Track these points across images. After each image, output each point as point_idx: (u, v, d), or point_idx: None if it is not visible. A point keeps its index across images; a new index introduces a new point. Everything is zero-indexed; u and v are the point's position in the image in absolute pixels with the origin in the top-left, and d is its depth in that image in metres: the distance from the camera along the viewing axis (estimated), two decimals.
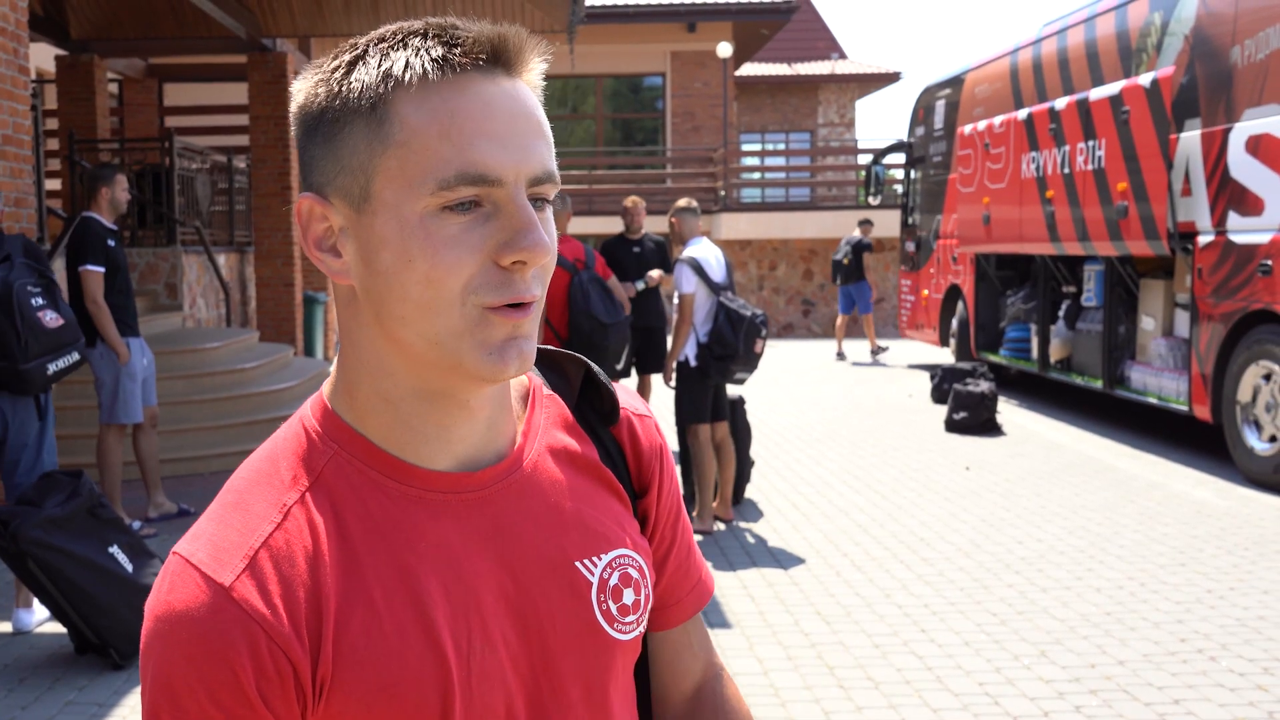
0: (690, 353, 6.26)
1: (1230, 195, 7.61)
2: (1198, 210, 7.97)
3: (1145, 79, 8.34)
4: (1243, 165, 7.48)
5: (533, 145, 0.85)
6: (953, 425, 9.58)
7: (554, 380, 1.03)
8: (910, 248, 14.67)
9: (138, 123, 14.44)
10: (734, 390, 7.36)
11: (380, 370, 0.89)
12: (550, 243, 0.86)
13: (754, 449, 8.33)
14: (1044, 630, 4.68)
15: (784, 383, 13.12)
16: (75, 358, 4.87)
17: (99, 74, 11.48)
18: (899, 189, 18.49)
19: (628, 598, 0.97)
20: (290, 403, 9.07)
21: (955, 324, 13.07)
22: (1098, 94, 9.02)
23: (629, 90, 23.55)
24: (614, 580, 0.96)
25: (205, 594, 0.82)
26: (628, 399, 1.06)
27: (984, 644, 4.53)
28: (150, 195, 10.55)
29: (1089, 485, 7.44)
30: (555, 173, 0.87)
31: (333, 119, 0.85)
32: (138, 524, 6.31)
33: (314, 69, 0.89)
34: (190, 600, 0.83)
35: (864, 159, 21.70)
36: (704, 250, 6.34)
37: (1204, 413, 8.03)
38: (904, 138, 14.96)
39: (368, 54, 0.86)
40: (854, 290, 15.54)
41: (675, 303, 6.30)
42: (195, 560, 0.84)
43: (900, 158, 15.62)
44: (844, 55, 28.67)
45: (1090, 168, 9.15)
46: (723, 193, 20.78)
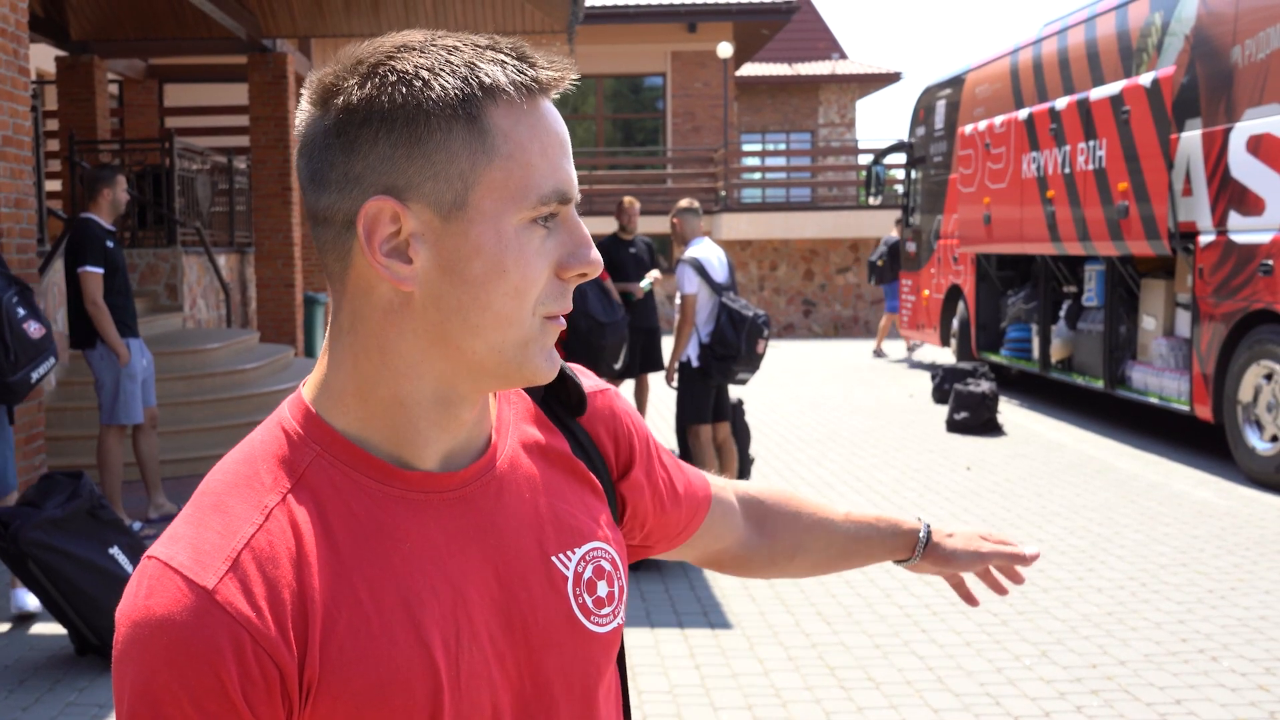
0: (692, 353, 6.26)
1: (1231, 195, 7.61)
2: (1198, 210, 7.97)
3: (1146, 79, 8.34)
4: (1243, 165, 7.47)
5: (570, 165, 0.92)
6: (954, 425, 9.57)
7: None
8: (911, 248, 14.66)
9: (138, 123, 14.44)
10: (733, 393, 7.36)
11: (410, 374, 0.88)
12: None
13: (754, 450, 8.33)
14: (1045, 630, 4.67)
15: (785, 383, 13.12)
16: (52, 362, 4.90)
17: (99, 75, 11.48)
18: (899, 189, 18.48)
19: (602, 590, 0.97)
20: None
21: (956, 324, 13.07)
22: (1098, 94, 9.01)
23: (629, 90, 23.55)
24: (588, 573, 0.97)
25: (188, 598, 0.80)
26: (587, 382, 1.08)
27: (985, 644, 4.53)
28: (150, 196, 10.55)
29: (1090, 485, 7.43)
30: None
31: (420, 122, 0.84)
32: (138, 525, 6.31)
33: (354, 66, 0.86)
34: (171, 605, 0.80)
35: (865, 159, 21.70)
36: (706, 250, 6.34)
37: (1205, 412, 8.03)
38: (904, 138, 14.96)
39: (450, 63, 0.85)
40: (887, 289, 15.65)
41: (677, 303, 6.30)
42: (175, 564, 0.82)
43: (901, 158, 15.61)
44: (844, 55, 28.67)
45: (1091, 168, 9.15)
46: (723, 193, 20.78)
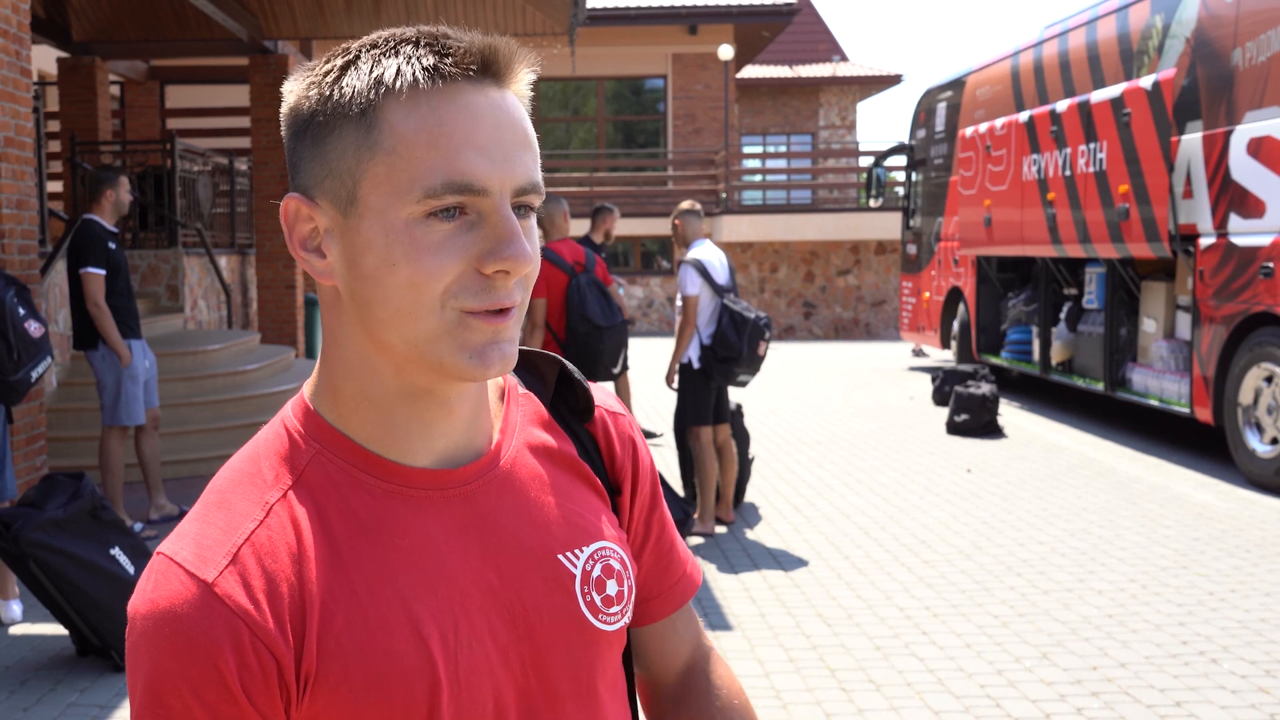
0: (693, 354, 6.27)
1: (1231, 197, 7.61)
2: (1199, 212, 7.97)
3: (1146, 81, 8.34)
4: (1244, 167, 7.48)
5: (518, 156, 0.87)
6: (954, 428, 9.58)
7: (529, 379, 1.05)
8: (911, 250, 14.67)
9: (139, 125, 14.45)
10: (732, 397, 7.37)
11: (364, 369, 0.90)
12: (532, 253, 0.87)
13: (754, 451, 8.34)
14: (1045, 632, 4.67)
15: (785, 385, 13.12)
16: (49, 362, 4.95)
17: (101, 76, 11.50)
18: (900, 191, 18.49)
19: (611, 589, 0.98)
20: None
21: (956, 326, 13.07)
22: (1099, 96, 9.02)
23: (630, 93, 23.56)
24: (596, 572, 0.97)
25: (189, 591, 0.83)
26: (603, 398, 1.08)
27: (985, 646, 4.53)
28: (152, 197, 10.55)
29: (1090, 487, 7.43)
30: (540, 183, 0.89)
31: (322, 122, 0.87)
32: (139, 526, 6.31)
33: (305, 72, 0.90)
34: (174, 598, 0.83)
35: (865, 161, 21.71)
36: (707, 252, 6.34)
37: (1205, 415, 8.03)
38: (905, 140, 14.96)
39: (359, 60, 0.87)
40: None
41: (678, 305, 6.30)
42: (179, 559, 0.85)
43: (901, 160, 15.63)
44: (845, 57, 28.69)
45: (1091, 170, 9.15)
46: (724, 195, 20.79)
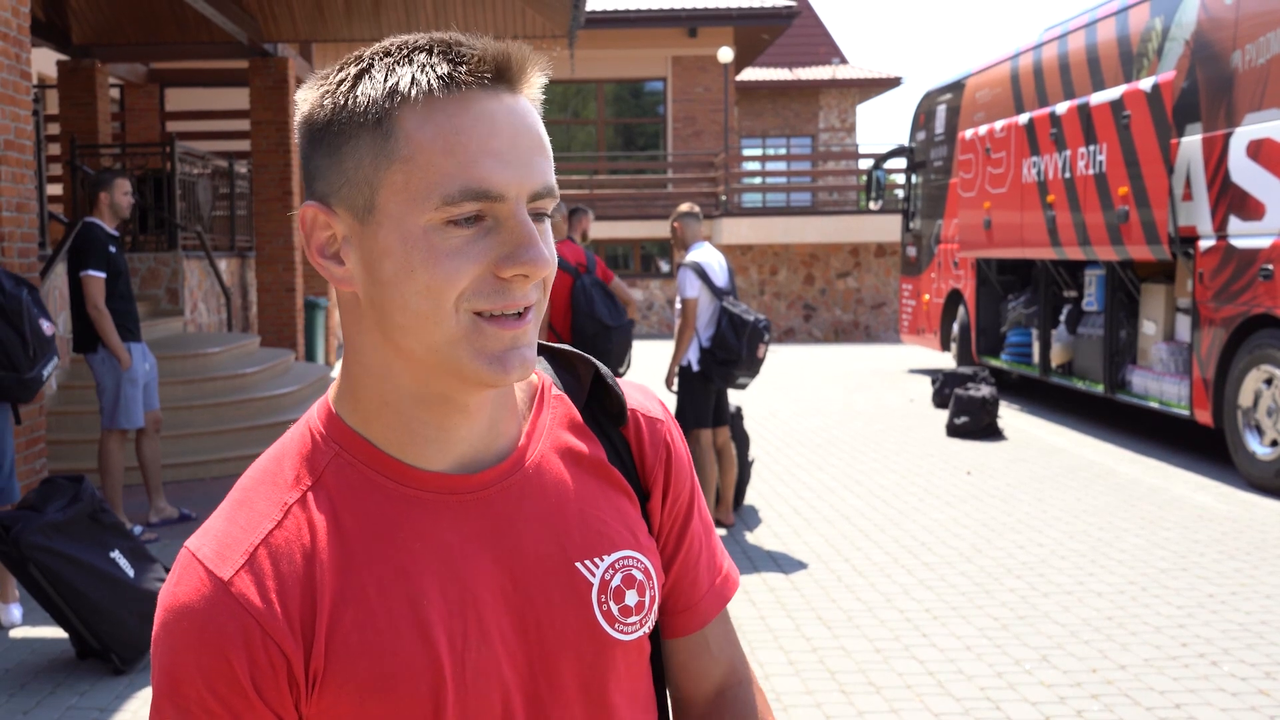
0: (693, 357, 6.27)
1: (1231, 200, 7.61)
2: (1199, 215, 7.98)
3: (1146, 84, 8.35)
4: (1243, 170, 7.48)
5: (534, 161, 0.87)
6: (954, 430, 9.57)
7: (565, 379, 1.05)
8: (911, 252, 14.67)
9: (139, 128, 14.45)
10: (732, 400, 7.37)
11: (382, 374, 0.91)
12: (550, 256, 0.88)
13: (754, 453, 8.33)
14: (1045, 635, 4.67)
15: (785, 387, 13.12)
16: (55, 361, 4.99)
17: (100, 79, 11.50)
18: (900, 194, 18.49)
19: (630, 599, 0.98)
20: (291, 408, 9.07)
21: (956, 329, 13.07)
22: (1099, 99, 9.02)
23: (630, 95, 23.57)
24: (616, 581, 0.97)
25: (206, 587, 0.87)
26: (642, 401, 1.07)
27: (986, 649, 4.53)
28: (151, 200, 10.56)
29: (1090, 490, 7.43)
30: (554, 186, 0.89)
31: (338, 131, 0.88)
32: (139, 529, 6.31)
33: (319, 80, 0.91)
34: (192, 593, 0.88)
35: (865, 164, 21.73)
36: (707, 255, 6.35)
37: (1205, 417, 8.03)
38: (905, 142, 14.97)
39: (373, 68, 0.88)
40: None
41: (678, 307, 6.31)
42: (200, 555, 0.89)
43: (901, 162, 15.63)
44: (845, 60, 28.72)
45: (1091, 172, 9.15)
46: (724, 198, 20.79)
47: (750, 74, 27.07)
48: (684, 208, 6.55)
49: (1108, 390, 9.55)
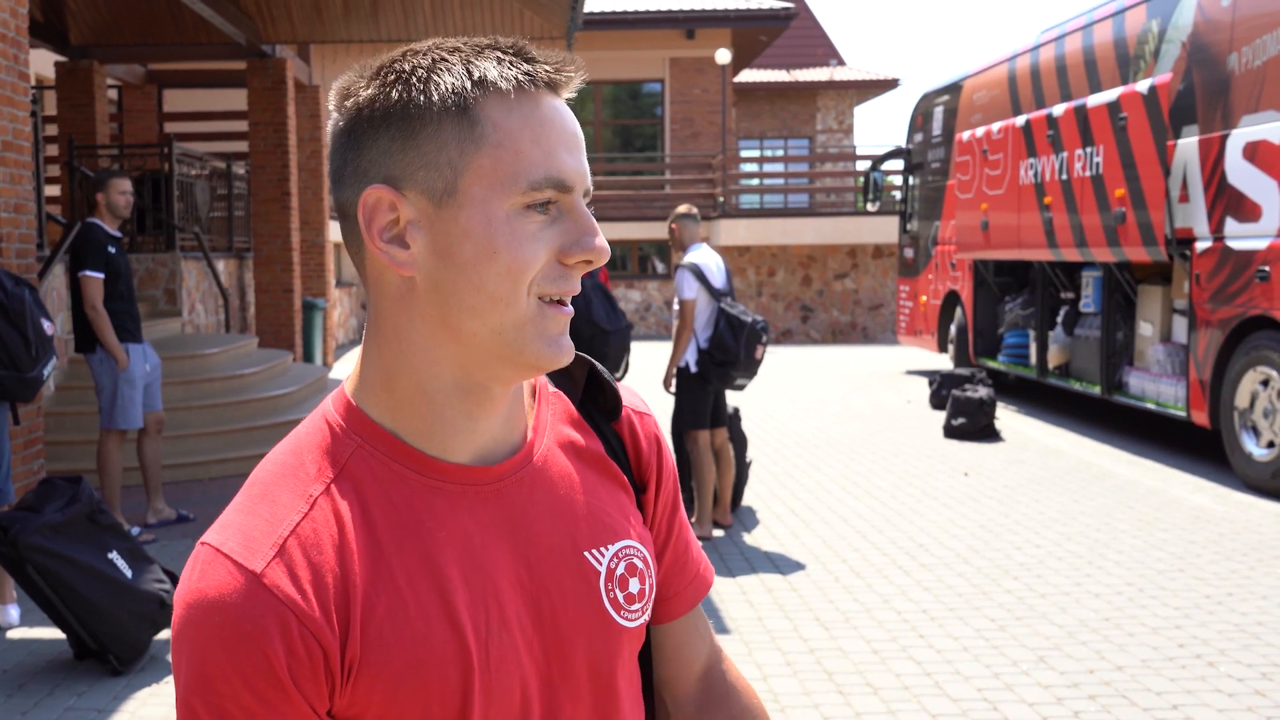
0: (691, 358, 6.27)
1: (1228, 201, 7.63)
2: (1195, 216, 7.99)
3: (1143, 86, 8.36)
4: (1240, 171, 7.49)
5: (585, 160, 0.95)
6: (951, 431, 9.59)
7: (558, 378, 1.08)
8: (909, 254, 14.68)
9: (137, 129, 14.45)
10: (730, 401, 7.37)
11: (425, 361, 0.94)
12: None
13: (751, 455, 8.34)
14: (1043, 636, 4.68)
15: (782, 388, 13.13)
16: (55, 360, 4.99)
17: (99, 80, 11.49)
18: (897, 195, 18.51)
19: (633, 586, 1.02)
20: (289, 408, 9.07)
21: (954, 330, 13.08)
22: (1096, 100, 9.04)
23: (628, 96, 23.58)
24: (620, 569, 1.01)
25: (238, 581, 0.86)
26: (630, 398, 1.12)
27: (983, 649, 4.53)
28: (149, 201, 10.56)
29: (1087, 491, 7.44)
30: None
31: (416, 115, 0.90)
32: (137, 530, 6.31)
33: (369, 73, 0.94)
34: (223, 587, 0.86)
35: (862, 165, 21.74)
36: (704, 256, 6.35)
37: (1202, 418, 8.04)
38: (902, 144, 14.98)
39: (447, 61, 0.92)
40: None
41: (675, 309, 6.31)
42: (226, 549, 0.88)
43: (899, 164, 15.64)
44: (842, 62, 28.74)
45: (1088, 174, 9.17)
46: (721, 199, 20.80)
47: (748, 75, 27.08)
48: (682, 209, 6.55)
49: (1105, 392, 9.56)
